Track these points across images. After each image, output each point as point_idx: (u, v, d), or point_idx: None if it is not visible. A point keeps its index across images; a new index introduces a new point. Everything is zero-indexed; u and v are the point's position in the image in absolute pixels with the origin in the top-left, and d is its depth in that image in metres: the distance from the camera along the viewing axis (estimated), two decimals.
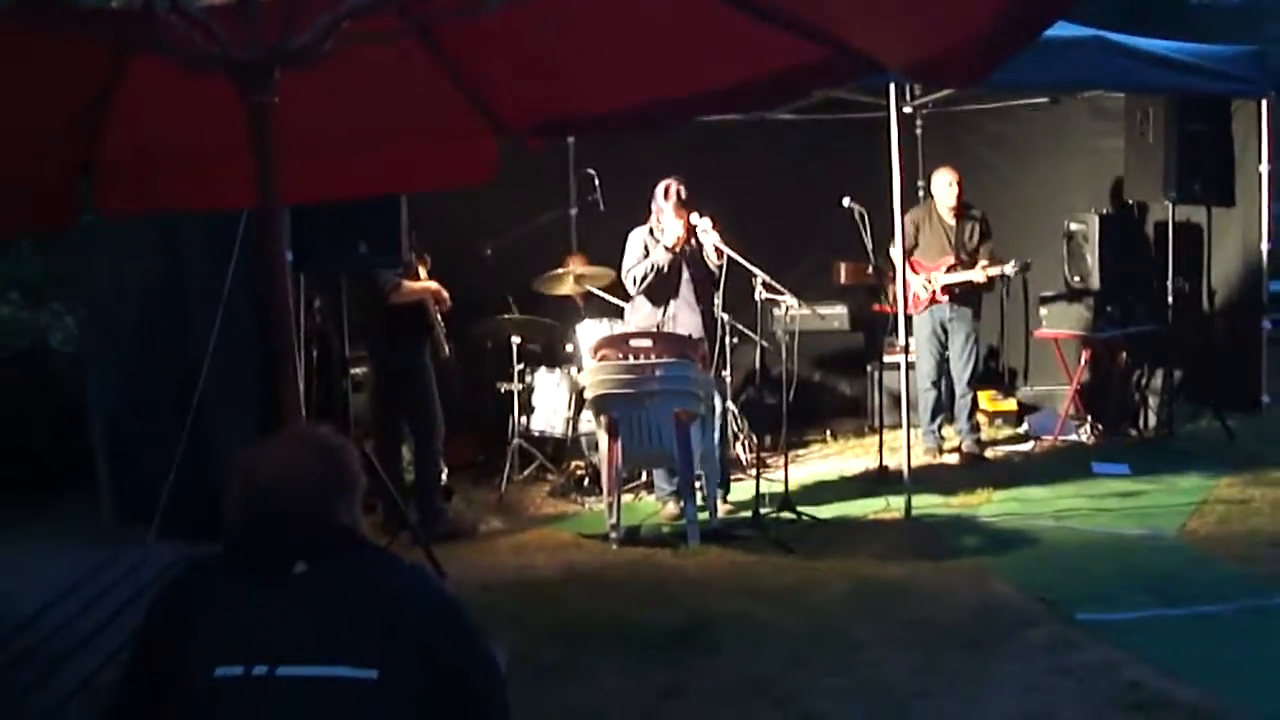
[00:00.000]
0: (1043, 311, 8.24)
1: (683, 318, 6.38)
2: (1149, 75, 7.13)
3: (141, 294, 6.40)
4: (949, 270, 7.52)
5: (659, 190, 6.38)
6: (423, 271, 6.44)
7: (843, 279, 8.40)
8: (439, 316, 6.42)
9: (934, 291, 7.54)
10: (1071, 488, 6.72)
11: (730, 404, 7.32)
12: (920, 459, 7.45)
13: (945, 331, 7.61)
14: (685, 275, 6.39)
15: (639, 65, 3.68)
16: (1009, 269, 7.43)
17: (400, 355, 6.24)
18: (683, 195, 6.31)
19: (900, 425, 6.65)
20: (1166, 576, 5.18)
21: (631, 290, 6.45)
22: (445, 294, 6.45)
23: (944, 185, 7.58)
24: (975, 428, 7.72)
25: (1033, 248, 7.96)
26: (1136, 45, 7.14)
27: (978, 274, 7.44)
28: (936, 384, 7.67)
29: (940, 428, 7.72)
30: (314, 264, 5.53)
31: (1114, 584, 5.13)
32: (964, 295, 7.57)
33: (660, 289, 6.38)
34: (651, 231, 6.43)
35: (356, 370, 6.55)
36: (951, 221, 7.59)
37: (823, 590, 5.20)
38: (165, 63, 2.83)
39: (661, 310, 6.41)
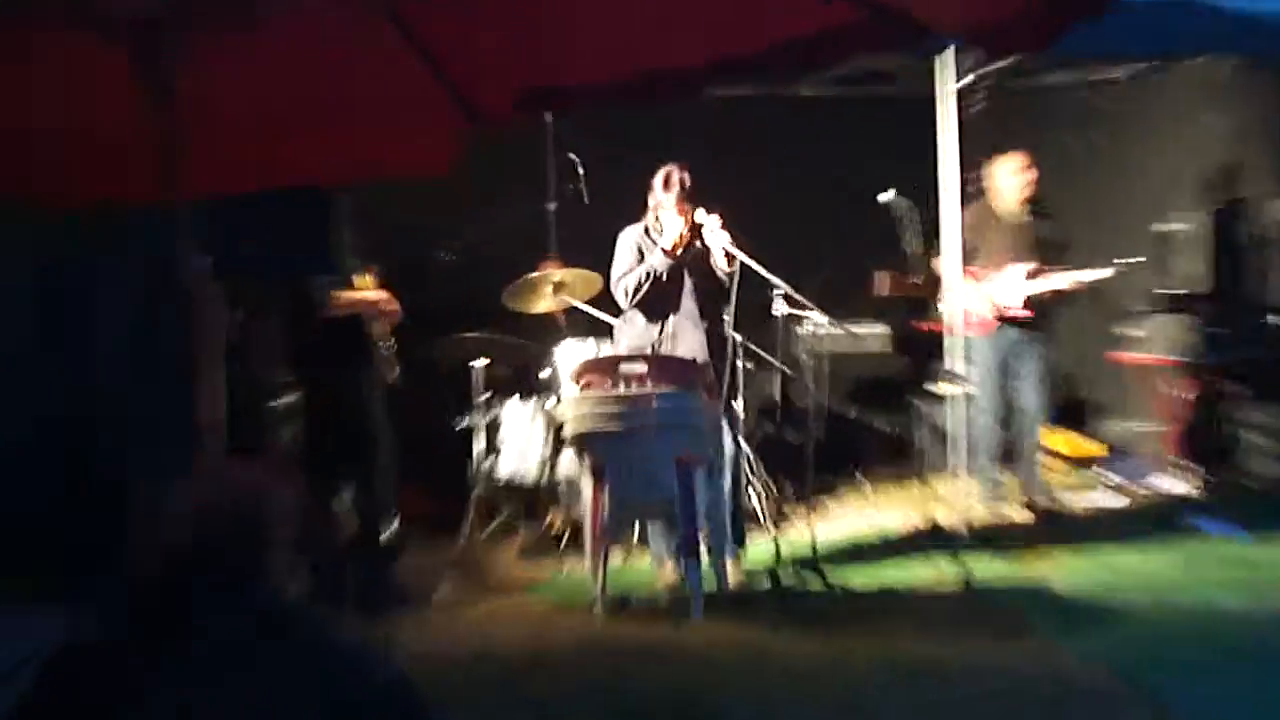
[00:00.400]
0: (1129, 332, 8.25)
1: (685, 337, 6.38)
2: (1268, 40, 7.16)
3: (12, 306, 6.41)
4: (1028, 277, 7.49)
5: (657, 180, 6.40)
6: (368, 281, 6.43)
7: (883, 291, 8.42)
8: (388, 332, 6.41)
9: (1004, 307, 7.51)
10: (1167, 551, 6.72)
11: (744, 444, 7.30)
12: (978, 513, 7.44)
13: (1014, 357, 7.61)
14: (688, 285, 6.39)
15: (634, 26, 3.68)
16: (1117, 266, 7.36)
17: (336, 379, 6.22)
18: (686, 185, 6.33)
19: (954, 471, 6.63)
20: None
21: (622, 303, 6.45)
22: (395, 307, 6.44)
23: (1010, 174, 7.56)
24: (1046, 475, 7.72)
25: (1117, 253, 7.97)
26: (1255, 4, 7.18)
27: (1068, 279, 7.37)
28: (1003, 420, 7.65)
29: (1003, 474, 7.73)
30: (234, 269, 5.53)
31: (1218, 673, 5.09)
32: (1037, 313, 7.57)
33: (658, 302, 6.39)
34: (647, 231, 6.44)
35: (285, 398, 6.52)
36: (1021, 219, 7.57)
37: (856, 674, 5.16)
38: (41, 26, 2.82)
39: (659, 328, 6.41)
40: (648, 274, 6.35)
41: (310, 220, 5.58)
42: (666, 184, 6.35)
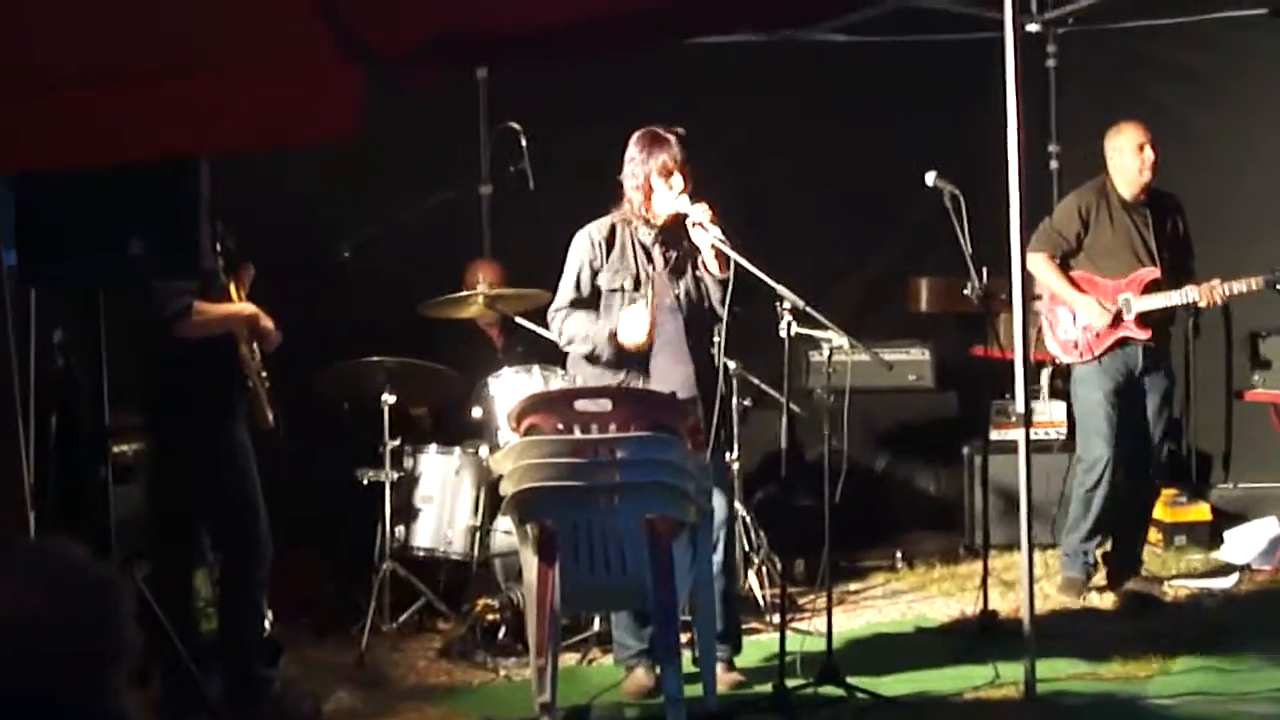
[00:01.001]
0: (1260, 365, 8.28)
1: (664, 366, 6.40)
2: None
3: None
4: (1148, 288, 7.53)
5: (635, 145, 6.38)
6: (237, 291, 6.45)
7: (924, 304, 8.48)
8: (259, 361, 6.41)
9: (1127, 322, 7.54)
10: None
11: (740, 507, 7.32)
12: (1053, 601, 7.46)
13: (1133, 389, 7.65)
14: (670, 297, 6.41)
15: None
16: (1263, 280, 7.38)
17: (195, 424, 6.23)
18: (678, 159, 6.29)
19: (1017, 545, 6.67)
20: None
21: (561, 343, 6.47)
22: (270, 325, 6.44)
23: (1130, 150, 7.58)
24: (1142, 545, 7.77)
25: (1243, 252, 8.04)
26: None
27: (1206, 293, 7.41)
28: (1113, 476, 7.63)
29: (1098, 549, 7.77)
30: (53, 272, 5.51)
31: None
32: (1160, 335, 7.61)
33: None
34: (611, 239, 6.39)
35: (124, 448, 6.51)
36: (1143, 210, 7.63)
37: None
38: None
39: (630, 355, 6.42)
40: (594, 352, 6.37)
41: (163, 204, 5.56)
42: (650, 148, 6.25)
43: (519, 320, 7.39)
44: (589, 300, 6.39)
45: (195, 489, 6.25)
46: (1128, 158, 7.56)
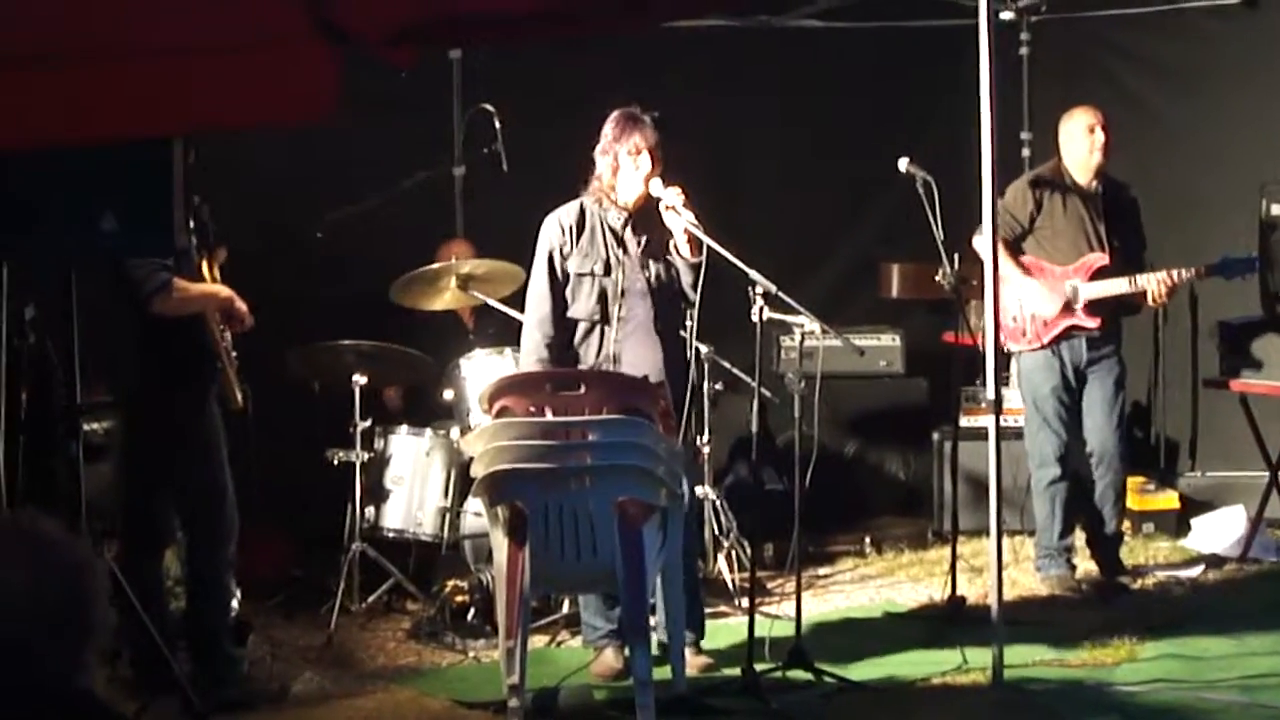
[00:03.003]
0: (1228, 350, 8.29)
1: (633, 350, 6.40)
2: None
3: None
4: (1096, 275, 7.55)
5: (611, 123, 6.36)
6: (210, 269, 6.43)
7: (896, 290, 8.48)
8: (229, 342, 6.38)
9: (1076, 310, 7.54)
10: (1270, 640, 6.74)
11: (709, 491, 7.34)
12: (1020, 587, 7.51)
13: (1080, 380, 7.69)
14: (641, 280, 6.40)
15: None
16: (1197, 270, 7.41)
17: (167, 402, 6.21)
18: (650, 140, 6.27)
19: (986, 531, 6.69)
20: None
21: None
22: (244, 309, 6.42)
23: (1080, 134, 7.58)
24: (1118, 538, 7.80)
25: (1209, 244, 8.06)
26: None
27: (1149, 282, 7.40)
28: (1065, 467, 7.66)
29: (1071, 544, 7.76)
30: (25, 248, 5.49)
31: None
32: (1110, 321, 7.60)
33: (594, 304, 6.40)
34: (581, 223, 6.39)
35: (94, 425, 6.49)
36: (1096, 198, 7.62)
37: None
38: None
39: (599, 338, 6.43)
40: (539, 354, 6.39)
41: (138, 183, 5.53)
42: (623, 128, 6.25)
43: (491, 302, 7.36)
44: (562, 287, 6.40)
45: (163, 468, 6.24)
46: (1077, 140, 7.55)
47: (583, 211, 6.43)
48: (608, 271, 6.36)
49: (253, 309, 6.45)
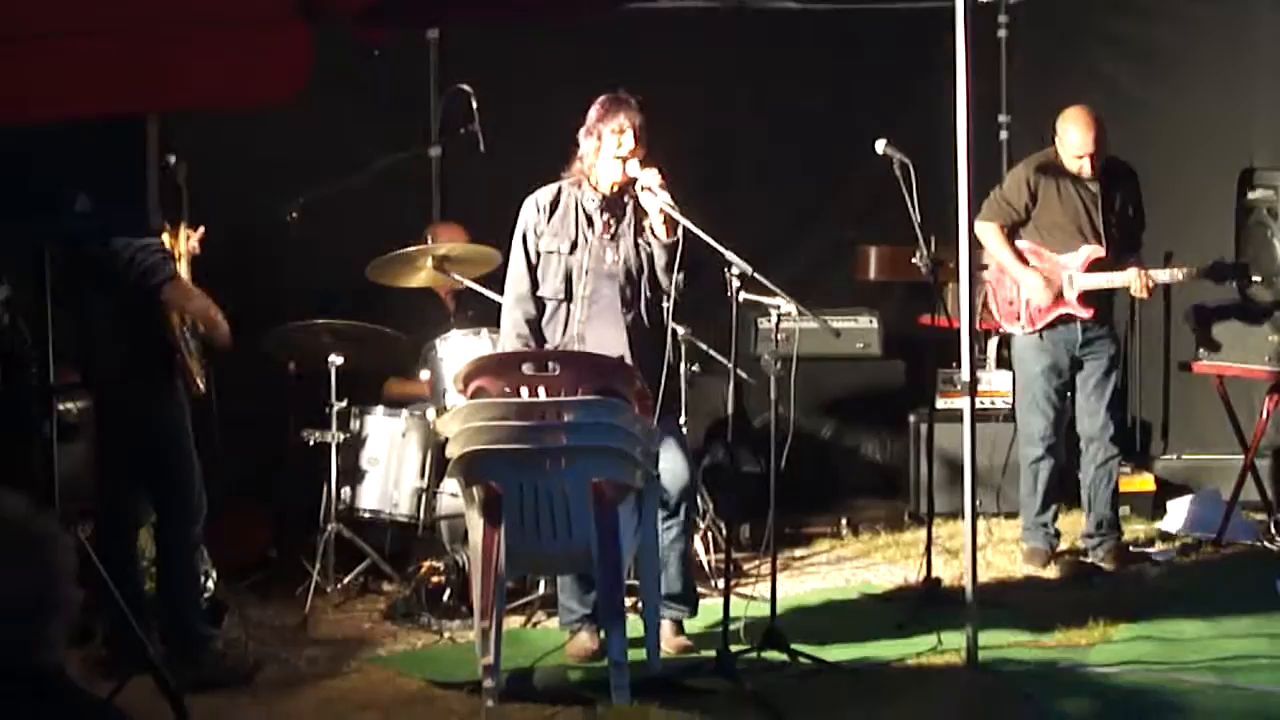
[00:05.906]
0: (1205, 334, 8.30)
1: (597, 331, 6.38)
2: None
3: None
4: (1092, 265, 7.55)
5: (597, 105, 6.33)
6: (185, 247, 6.41)
7: (873, 272, 8.49)
8: (190, 326, 6.34)
9: (1069, 299, 7.57)
10: (1244, 622, 6.78)
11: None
12: (995, 569, 7.52)
13: (1074, 364, 7.71)
14: (608, 262, 6.39)
15: None
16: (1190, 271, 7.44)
17: (133, 390, 6.21)
18: (634, 121, 6.24)
19: (961, 513, 6.70)
20: None
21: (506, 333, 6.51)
22: (226, 328, 6.37)
23: (1069, 135, 7.52)
24: (1115, 523, 7.84)
25: (1188, 228, 8.07)
26: None
27: (1142, 280, 7.46)
28: (1054, 448, 7.74)
29: (1056, 519, 7.82)
30: None
31: None
32: (1103, 307, 7.66)
33: (559, 283, 6.39)
34: (556, 203, 6.38)
35: (68, 405, 6.47)
36: (1092, 184, 7.64)
37: None
38: None
39: (564, 318, 6.41)
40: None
41: (109, 163, 5.50)
42: (606, 111, 6.26)
43: (468, 284, 7.34)
44: (535, 266, 6.40)
45: (132, 448, 6.25)
46: (1068, 141, 7.53)
47: (559, 193, 6.44)
48: (573, 250, 6.36)
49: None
